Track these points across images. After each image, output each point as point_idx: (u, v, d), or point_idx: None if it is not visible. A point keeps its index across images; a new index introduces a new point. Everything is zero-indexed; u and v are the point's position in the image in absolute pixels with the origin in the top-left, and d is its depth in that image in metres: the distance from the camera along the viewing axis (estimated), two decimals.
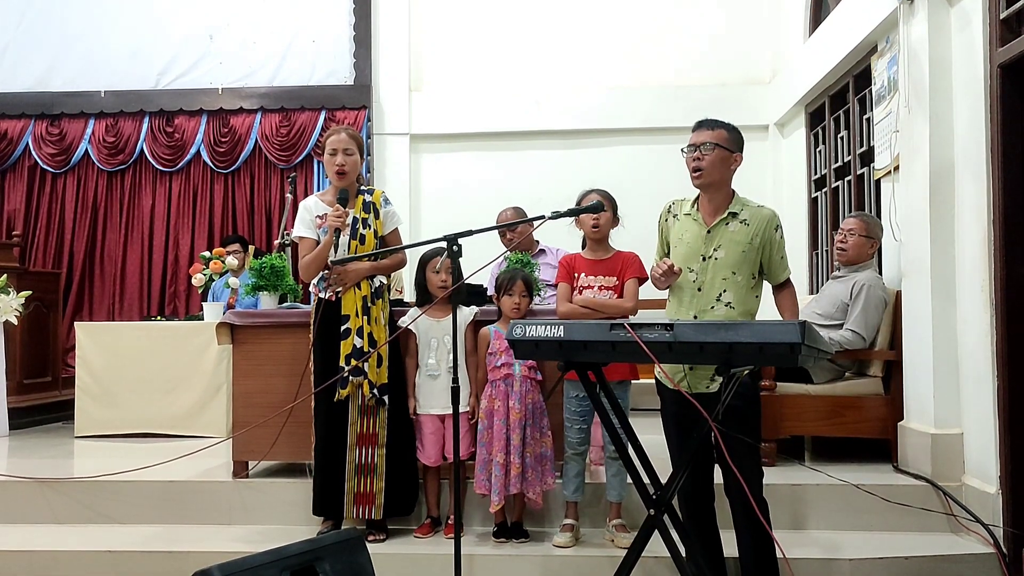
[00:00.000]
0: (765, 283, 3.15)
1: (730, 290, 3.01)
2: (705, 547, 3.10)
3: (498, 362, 3.67)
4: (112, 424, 5.54)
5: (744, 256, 3.02)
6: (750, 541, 2.95)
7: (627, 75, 7.47)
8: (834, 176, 5.89)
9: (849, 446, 4.43)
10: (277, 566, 2.51)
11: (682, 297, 3.08)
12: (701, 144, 3.04)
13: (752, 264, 3.04)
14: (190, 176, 7.69)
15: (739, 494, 2.84)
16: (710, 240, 3.05)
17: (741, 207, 3.07)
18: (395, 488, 3.73)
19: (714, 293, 3.02)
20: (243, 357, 4.17)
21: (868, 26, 4.73)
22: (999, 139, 3.50)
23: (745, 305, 3.03)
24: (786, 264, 3.12)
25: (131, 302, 7.57)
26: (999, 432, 3.50)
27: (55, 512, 4.05)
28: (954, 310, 3.84)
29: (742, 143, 3.10)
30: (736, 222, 3.04)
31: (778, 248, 3.07)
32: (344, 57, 7.61)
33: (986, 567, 3.40)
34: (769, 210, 3.10)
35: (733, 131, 3.08)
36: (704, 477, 3.08)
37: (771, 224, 3.05)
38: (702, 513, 3.14)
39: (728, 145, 3.04)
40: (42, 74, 7.73)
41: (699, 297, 3.04)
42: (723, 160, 3.03)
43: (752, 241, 3.03)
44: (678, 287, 3.10)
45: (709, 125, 3.08)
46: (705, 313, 3.02)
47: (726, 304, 3.01)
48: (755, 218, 3.05)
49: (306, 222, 3.76)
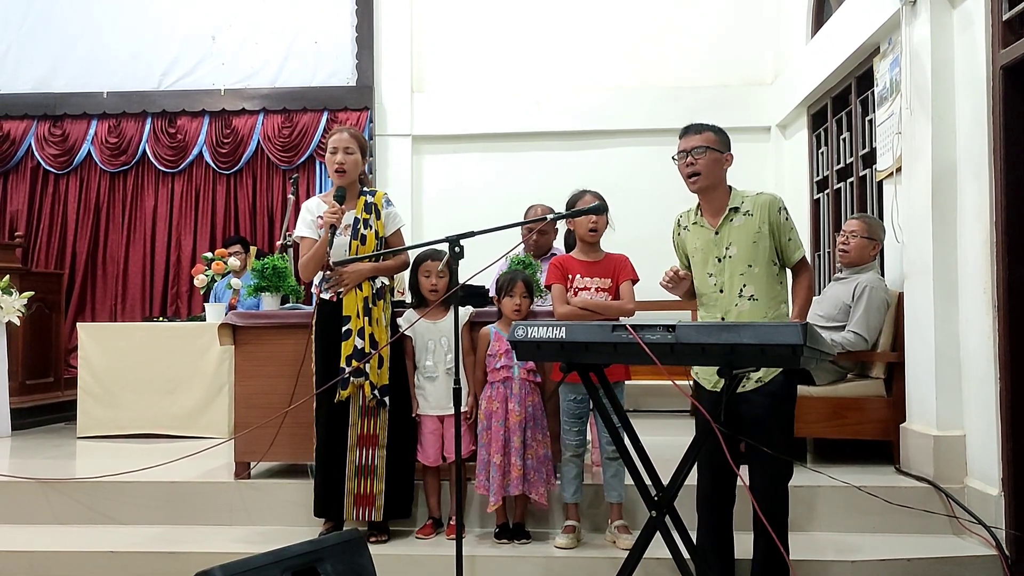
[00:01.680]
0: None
1: (751, 283, 3.02)
2: (717, 547, 3.10)
3: (497, 364, 3.67)
4: (114, 425, 5.55)
5: (756, 247, 3.03)
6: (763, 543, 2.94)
7: (628, 76, 7.47)
8: (836, 178, 5.89)
9: (851, 448, 4.43)
10: (279, 567, 2.51)
11: (707, 302, 3.12)
12: (692, 149, 3.07)
13: (767, 252, 3.05)
14: (192, 177, 7.70)
15: (761, 494, 2.86)
16: (720, 240, 3.07)
17: (741, 200, 3.09)
18: (394, 490, 3.72)
19: (735, 290, 3.04)
20: (245, 358, 4.17)
21: (870, 28, 4.73)
22: (1001, 141, 3.50)
23: (770, 294, 3.04)
24: (797, 244, 3.11)
25: (133, 303, 7.58)
26: (1001, 434, 3.49)
27: (57, 512, 4.05)
28: (956, 312, 3.83)
29: (729, 143, 3.14)
30: (740, 216, 3.06)
31: (785, 230, 3.08)
32: (346, 58, 7.62)
33: (988, 569, 3.40)
34: (769, 195, 3.12)
35: (720, 132, 3.13)
36: (726, 477, 3.07)
37: (773, 207, 3.07)
38: (719, 513, 3.12)
39: (718, 146, 3.08)
40: (44, 75, 7.74)
41: (722, 298, 3.06)
42: (716, 161, 3.07)
43: (760, 229, 3.04)
44: (701, 293, 3.14)
45: (696, 129, 3.12)
46: (730, 312, 3.04)
47: (749, 298, 3.02)
48: (757, 206, 3.07)
49: (307, 222, 3.76)
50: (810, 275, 3.19)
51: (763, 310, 3.01)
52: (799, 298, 3.15)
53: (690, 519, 2.92)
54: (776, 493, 2.98)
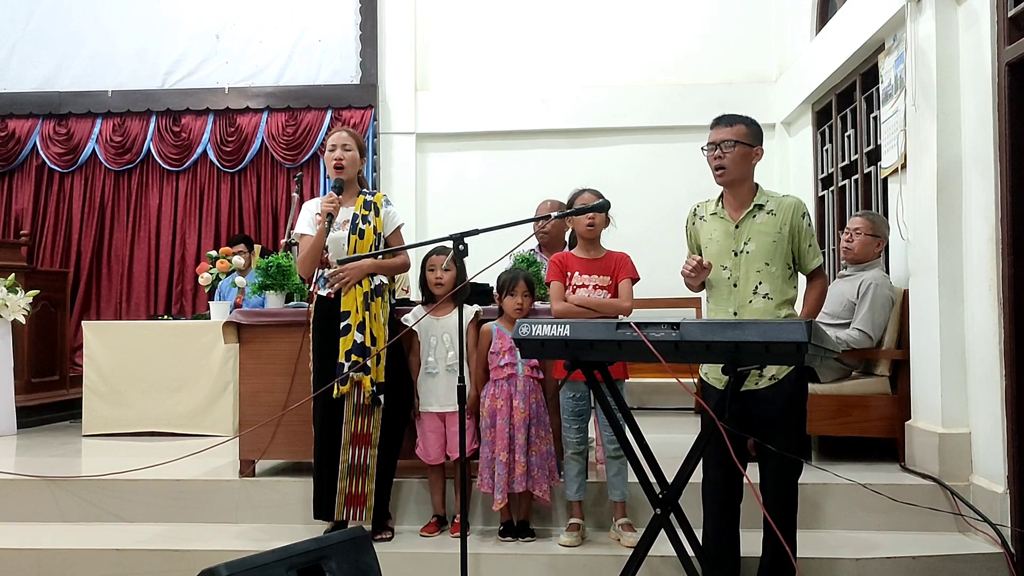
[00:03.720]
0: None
1: (766, 281, 3.01)
2: (724, 544, 3.09)
3: (501, 361, 3.67)
4: (119, 423, 5.55)
5: (775, 246, 3.02)
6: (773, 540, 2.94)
7: (633, 73, 7.46)
8: (841, 175, 5.88)
9: (856, 445, 4.42)
10: (284, 565, 2.52)
11: (719, 295, 3.10)
12: (722, 142, 3.04)
13: (784, 254, 3.04)
14: (197, 175, 7.71)
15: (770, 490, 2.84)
16: (739, 235, 3.05)
17: (766, 199, 3.08)
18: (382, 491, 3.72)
19: (750, 287, 3.02)
20: (249, 356, 4.17)
21: (875, 24, 4.72)
22: (1007, 137, 3.49)
23: (783, 295, 3.04)
24: (816, 252, 3.11)
25: (138, 301, 7.59)
26: (1007, 431, 3.48)
27: (63, 510, 4.06)
28: (961, 309, 3.82)
29: (762, 135, 3.12)
30: (763, 213, 3.05)
31: (806, 236, 3.07)
32: (350, 56, 7.62)
33: (993, 567, 3.39)
34: (794, 198, 3.11)
35: (752, 124, 3.10)
36: (737, 472, 3.06)
37: (797, 211, 3.06)
38: (727, 508, 3.11)
39: (748, 140, 3.06)
40: (49, 74, 7.76)
41: (736, 293, 3.04)
42: (744, 156, 3.05)
43: (781, 230, 3.03)
44: (713, 285, 3.11)
45: (728, 121, 3.08)
46: (744, 308, 3.02)
47: (764, 296, 3.01)
48: (781, 207, 3.06)
49: (307, 220, 3.75)
50: (824, 283, 3.18)
51: (775, 309, 3.00)
52: (809, 303, 3.14)
53: (695, 517, 2.91)
54: (788, 492, 2.98)
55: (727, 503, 3.10)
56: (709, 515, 3.12)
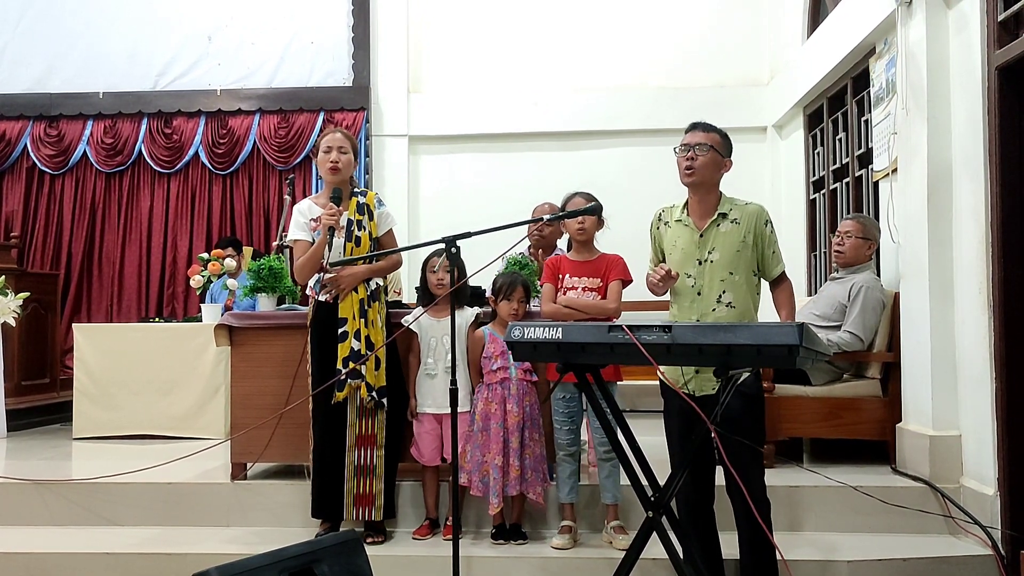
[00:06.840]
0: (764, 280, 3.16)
1: (729, 290, 3.03)
2: (704, 549, 3.10)
3: (494, 366, 3.67)
4: (110, 426, 5.53)
5: (739, 255, 3.05)
6: (750, 542, 2.95)
7: (625, 76, 7.47)
8: (832, 178, 5.90)
9: (847, 448, 4.43)
10: (275, 568, 2.51)
11: (682, 302, 3.11)
12: (696, 144, 3.08)
13: (748, 262, 3.07)
14: (188, 177, 7.69)
15: (740, 495, 2.84)
16: (704, 243, 3.08)
17: (730, 207, 3.11)
18: (389, 490, 3.74)
19: (714, 295, 3.04)
20: (241, 359, 4.16)
21: (866, 28, 4.74)
22: (997, 141, 3.51)
23: (746, 304, 3.06)
24: (779, 259, 3.14)
25: (129, 303, 7.57)
26: (997, 434, 3.50)
27: (53, 514, 4.04)
28: (952, 312, 3.84)
29: (732, 150, 3.16)
30: (727, 222, 3.08)
31: (769, 243, 3.10)
32: (343, 58, 7.61)
33: (984, 569, 3.40)
34: (757, 206, 3.14)
35: (725, 137, 3.15)
36: (705, 478, 3.09)
37: (760, 219, 3.09)
38: (702, 514, 3.14)
39: (720, 149, 3.10)
40: (40, 75, 7.73)
41: (699, 301, 3.06)
42: (715, 163, 3.09)
43: (745, 239, 3.06)
44: (677, 292, 3.13)
45: (704, 128, 3.13)
46: (707, 316, 3.04)
47: (727, 305, 3.03)
48: (745, 216, 3.09)
49: (300, 225, 3.76)
50: (790, 285, 3.19)
51: (738, 319, 3.01)
52: (784, 308, 3.15)
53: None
54: (758, 493, 2.98)
55: (702, 505, 3.11)
56: (686, 523, 3.10)
